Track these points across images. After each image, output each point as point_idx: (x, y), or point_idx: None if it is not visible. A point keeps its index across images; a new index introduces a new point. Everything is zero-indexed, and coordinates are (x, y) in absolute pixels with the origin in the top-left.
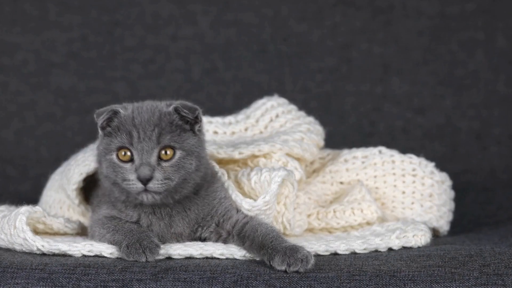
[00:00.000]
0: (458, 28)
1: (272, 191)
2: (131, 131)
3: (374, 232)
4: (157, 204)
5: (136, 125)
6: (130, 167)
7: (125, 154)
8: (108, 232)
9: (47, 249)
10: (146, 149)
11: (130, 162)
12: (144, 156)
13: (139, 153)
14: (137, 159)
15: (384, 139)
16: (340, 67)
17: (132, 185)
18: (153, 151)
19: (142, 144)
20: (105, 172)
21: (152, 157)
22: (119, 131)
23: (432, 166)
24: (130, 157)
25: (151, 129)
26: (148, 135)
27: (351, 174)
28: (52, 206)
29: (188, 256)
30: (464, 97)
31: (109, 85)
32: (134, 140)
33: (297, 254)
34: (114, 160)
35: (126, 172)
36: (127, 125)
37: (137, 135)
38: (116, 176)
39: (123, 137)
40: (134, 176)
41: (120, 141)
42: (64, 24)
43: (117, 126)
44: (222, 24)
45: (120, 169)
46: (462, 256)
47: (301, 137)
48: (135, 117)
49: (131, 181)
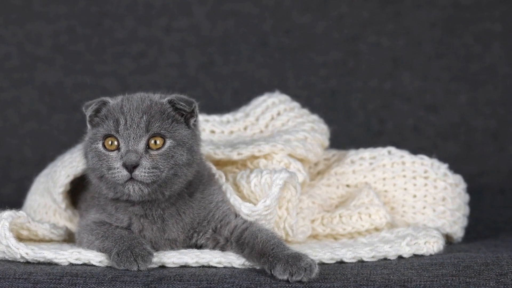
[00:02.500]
0: (473, 19)
1: (273, 194)
2: (118, 118)
3: (383, 239)
4: (146, 199)
5: (124, 112)
6: (116, 155)
7: (111, 143)
8: (97, 239)
9: (31, 257)
10: (132, 136)
11: (116, 151)
12: (131, 143)
13: (125, 140)
14: (123, 146)
15: (394, 139)
16: (347, 61)
17: (117, 173)
18: (140, 139)
19: (129, 131)
20: (91, 163)
21: (140, 145)
22: (106, 120)
23: (445, 168)
24: (117, 146)
25: (139, 116)
26: (136, 122)
27: (358, 177)
28: (37, 210)
29: (183, 264)
30: (480, 94)
31: (98, 80)
32: (121, 127)
33: (300, 263)
34: (100, 149)
35: (111, 160)
36: (115, 113)
37: (124, 122)
38: (102, 165)
39: (110, 124)
40: (120, 163)
41: (106, 129)
42: (49, 15)
43: (105, 115)
44: (219, 14)
45: (105, 157)
46: (478, 264)
47: (304, 136)
48: (123, 105)
49: (116, 169)
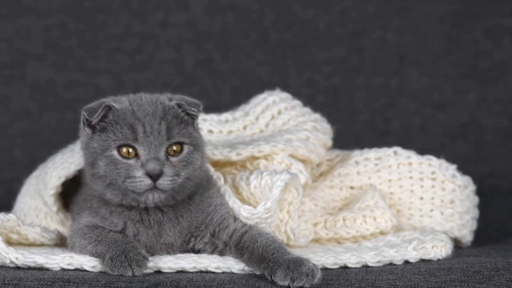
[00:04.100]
0: (483, 13)
1: (274, 197)
2: (134, 125)
3: (389, 243)
4: (159, 205)
5: (140, 118)
6: (135, 163)
7: (129, 150)
8: (89, 243)
9: (21, 262)
10: (154, 144)
11: (135, 158)
12: (152, 151)
13: (147, 148)
14: (144, 154)
15: (400, 139)
16: (350, 57)
17: (139, 182)
18: (161, 146)
19: (150, 139)
20: (102, 171)
21: (161, 152)
22: (117, 125)
23: (454, 169)
24: (135, 154)
25: (157, 122)
26: (156, 129)
27: (363, 178)
28: (27, 213)
29: (180, 269)
30: (490, 91)
31: (91, 78)
32: (139, 134)
33: (302, 268)
34: (115, 157)
35: (130, 169)
36: (127, 118)
37: (142, 129)
38: (118, 174)
39: (125, 132)
40: (141, 172)
41: (122, 137)
42: (40, 10)
43: (114, 121)
44: (218, 9)
45: (123, 165)
46: (488, 269)
47: (306, 136)
48: (136, 110)
49: (137, 178)
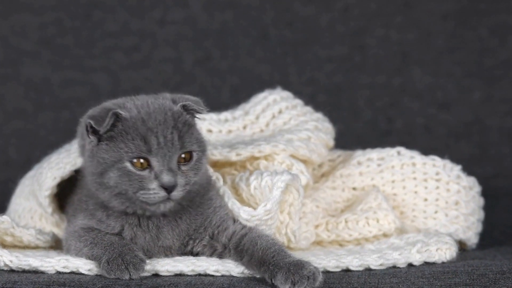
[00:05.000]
0: (488, 10)
1: (275, 198)
2: (146, 136)
3: (392, 246)
4: (166, 213)
5: (152, 128)
6: (149, 175)
7: (142, 162)
8: (85, 246)
9: (16, 265)
10: (168, 155)
11: (147, 169)
12: (166, 162)
13: (160, 159)
14: (157, 166)
15: (403, 139)
16: (353, 55)
17: (153, 195)
18: (174, 156)
19: (164, 150)
20: (113, 182)
21: (173, 162)
22: (127, 135)
23: (459, 170)
24: (147, 164)
25: (169, 132)
26: (170, 140)
27: (365, 179)
28: (21, 215)
29: (178, 272)
30: (495, 90)
31: (88, 76)
32: (154, 146)
33: (303, 271)
34: (129, 169)
35: (144, 181)
36: (139, 129)
37: (156, 141)
38: (131, 185)
39: (138, 143)
40: (156, 184)
41: (135, 149)
42: (35, 6)
43: (124, 130)
44: (217, 6)
45: (137, 177)
46: (493, 273)
47: (307, 136)
48: (146, 119)
49: (151, 190)
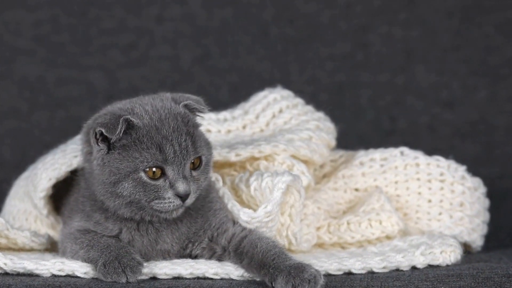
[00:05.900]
0: (493, 7)
1: (275, 199)
2: (162, 145)
3: (395, 248)
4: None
5: (166, 137)
6: (164, 184)
7: (156, 171)
8: (81, 248)
9: (10, 268)
10: (183, 163)
11: (162, 178)
12: (181, 170)
13: (176, 168)
14: (172, 174)
15: (407, 138)
16: (355, 53)
17: (169, 204)
18: (186, 163)
19: (179, 159)
20: (127, 192)
21: (187, 170)
22: (141, 144)
23: (463, 170)
24: (161, 173)
25: (183, 139)
26: (184, 147)
27: (368, 180)
28: (16, 217)
29: (177, 276)
30: (501, 89)
31: (83, 74)
32: (170, 156)
33: (304, 274)
34: (144, 179)
35: (160, 191)
36: (154, 137)
37: (172, 150)
38: (145, 195)
39: (154, 152)
40: (171, 193)
41: (151, 159)
42: (30, 3)
43: (138, 139)
44: (216, 2)
45: (153, 187)
46: (499, 276)
47: (309, 136)
48: (159, 127)
49: (167, 199)
